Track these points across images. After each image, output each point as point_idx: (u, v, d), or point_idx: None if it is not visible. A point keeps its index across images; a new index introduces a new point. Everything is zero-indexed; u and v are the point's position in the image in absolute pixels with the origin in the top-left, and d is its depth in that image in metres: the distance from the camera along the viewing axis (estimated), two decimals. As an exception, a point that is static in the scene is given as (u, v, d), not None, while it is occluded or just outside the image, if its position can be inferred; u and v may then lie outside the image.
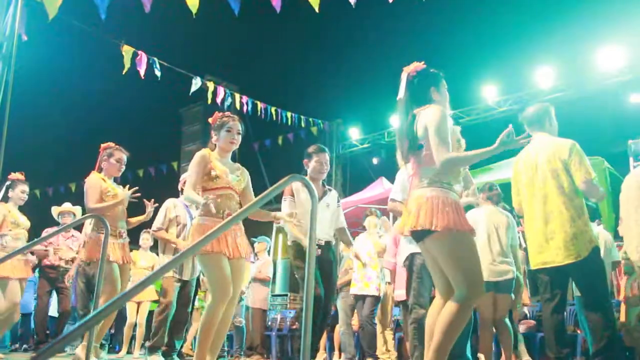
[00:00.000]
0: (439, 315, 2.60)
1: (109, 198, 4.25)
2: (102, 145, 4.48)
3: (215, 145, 3.54)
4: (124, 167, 4.48)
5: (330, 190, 4.41)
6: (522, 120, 3.69)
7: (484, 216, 4.42)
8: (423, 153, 2.66)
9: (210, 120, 3.59)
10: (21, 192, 5.21)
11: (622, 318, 5.08)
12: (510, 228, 4.48)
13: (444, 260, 2.58)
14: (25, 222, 5.27)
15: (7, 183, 5.24)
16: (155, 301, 7.01)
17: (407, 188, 3.77)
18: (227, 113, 3.63)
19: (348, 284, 6.15)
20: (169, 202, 5.09)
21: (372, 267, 5.76)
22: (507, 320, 4.44)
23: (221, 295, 3.23)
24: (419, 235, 2.62)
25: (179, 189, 5.20)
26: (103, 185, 4.27)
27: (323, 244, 4.19)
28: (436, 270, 2.70)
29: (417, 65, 2.83)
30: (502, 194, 4.69)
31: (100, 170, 4.39)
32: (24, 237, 5.23)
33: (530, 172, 3.49)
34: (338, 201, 4.46)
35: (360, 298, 5.82)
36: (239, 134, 3.52)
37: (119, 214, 4.34)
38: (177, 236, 4.97)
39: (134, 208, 4.60)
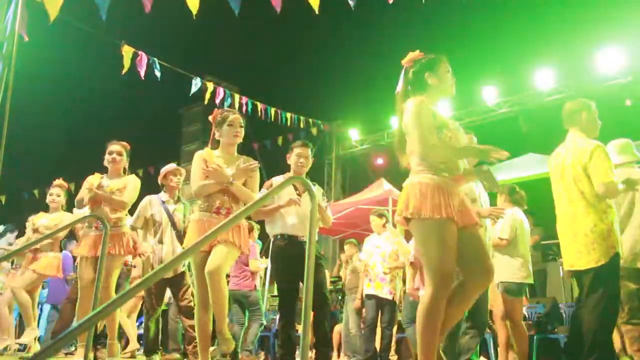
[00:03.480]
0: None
1: (103, 194, 4.33)
2: None
3: (217, 142, 3.53)
4: (117, 157, 4.44)
5: (314, 185, 4.38)
6: (562, 116, 3.66)
7: (521, 218, 4.53)
8: (410, 143, 2.70)
9: (210, 117, 3.57)
10: (49, 195, 5.63)
11: None
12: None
13: (418, 247, 2.64)
14: (47, 223, 5.42)
15: None
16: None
17: None
18: (226, 108, 3.63)
19: (357, 286, 6.19)
20: (145, 201, 4.91)
21: (384, 268, 5.78)
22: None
23: (199, 294, 3.30)
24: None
25: (160, 183, 5.12)
26: (95, 182, 4.35)
27: (305, 240, 4.16)
28: None
29: (412, 55, 2.84)
30: (525, 196, 4.72)
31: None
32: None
33: (558, 173, 3.52)
34: (323, 197, 4.37)
35: (372, 297, 5.84)
36: (241, 127, 3.53)
37: (100, 205, 4.34)
38: (155, 234, 4.85)
39: (135, 207, 4.62)
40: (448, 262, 2.50)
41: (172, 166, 5.07)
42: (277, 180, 4.12)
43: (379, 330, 6.03)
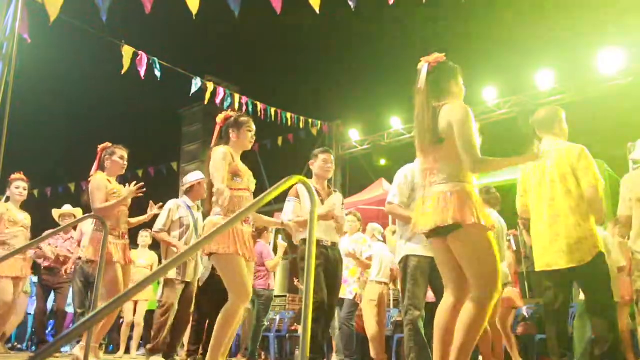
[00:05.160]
0: (447, 313, 2.60)
1: (114, 198, 4.23)
2: (101, 146, 4.46)
3: (223, 142, 3.50)
4: (126, 164, 4.48)
5: (335, 191, 4.44)
6: (533, 123, 3.70)
7: (497, 219, 4.52)
8: (444, 148, 2.64)
9: (220, 117, 3.56)
10: (15, 188, 5.20)
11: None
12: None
13: (468, 255, 2.55)
14: (24, 220, 5.26)
15: (9, 184, 5.29)
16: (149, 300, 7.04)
17: (404, 191, 3.79)
18: (242, 112, 3.65)
19: None
20: (172, 203, 5.04)
21: (349, 271, 5.78)
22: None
23: (243, 297, 3.23)
24: (443, 232, 2.58)
25: (185, 189, 5.22)
26: (109, 185, 4.26)
27: (330, 244, 4.20)
28: (448, 269, 2.67)
29: (437, 57, 2.81)
30: (499, 197, 4.73)
31: (102, 170, 4.39)
32: (22, 235, 5.21)
33: (538, 175, 3.51)
34: (342, 204, 4.48)
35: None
36: (255, 134, 3.58)
37: (123, 214, 4.33)
38: (180, 238, 4.94)
39: (135, 209, 4.60)
40: (498, 271, 2.55)
41: (202, 175, 5.24)
42: (300, 187, 4.13)
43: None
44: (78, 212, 6.78)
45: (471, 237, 2.53)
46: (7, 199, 5.28)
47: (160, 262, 5.38)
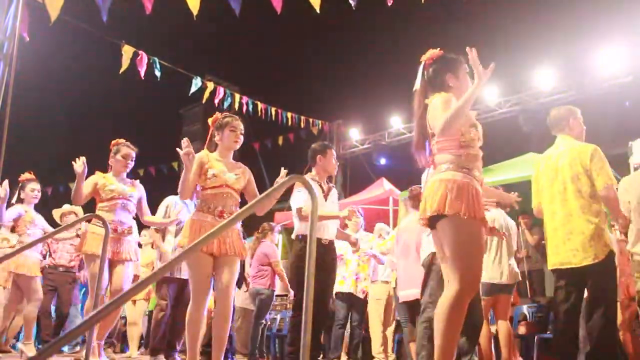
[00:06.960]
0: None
1: (107, 193, 4.26)
2: (112, 142, 4.50)
3: (215, 145, 3.57)
4: (131, 163, 4.47)
5: (333, 187, 4.47)
6: (548, 122, 3.72)
7: (500, 216, 4.53)
8: (436, 141, 2.64)
9: (210, 120, 3.61)
10: (30, 190, 5.31)
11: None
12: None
13: (450, 246, 2.49)
14: (42, 222, 5.33)
15: (20, 185, 5.35)
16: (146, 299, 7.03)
17: None
18: (228, 113, 3.68)
19: None
20: (170, 200, 5.07)
21: (359, 267, 5.78)
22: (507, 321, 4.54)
23: (197, 295, 3.28)
24: (432, 222, 2.56)
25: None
26: (101, 181, 4.27)
27: (327, 242, 4.18)
28: (445, 262, 2.62)
29: (433, 53, 2.79)
30: None
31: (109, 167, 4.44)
32: (40, 236, 5.26)
33: (551, 174, 3.53)
34: (337, 200, 4.54)
35: (348, 297, 5.81)
36: (241, 133, 3.58)
37: (117, 207, 4.32)
38: (176, 235, 4.97)
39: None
40: (477, 267, 2.51)
41: None
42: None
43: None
44: (78, 209, 6.79)
45: (454, 228, 2.47)
46: (21, 201, 5.35)
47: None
